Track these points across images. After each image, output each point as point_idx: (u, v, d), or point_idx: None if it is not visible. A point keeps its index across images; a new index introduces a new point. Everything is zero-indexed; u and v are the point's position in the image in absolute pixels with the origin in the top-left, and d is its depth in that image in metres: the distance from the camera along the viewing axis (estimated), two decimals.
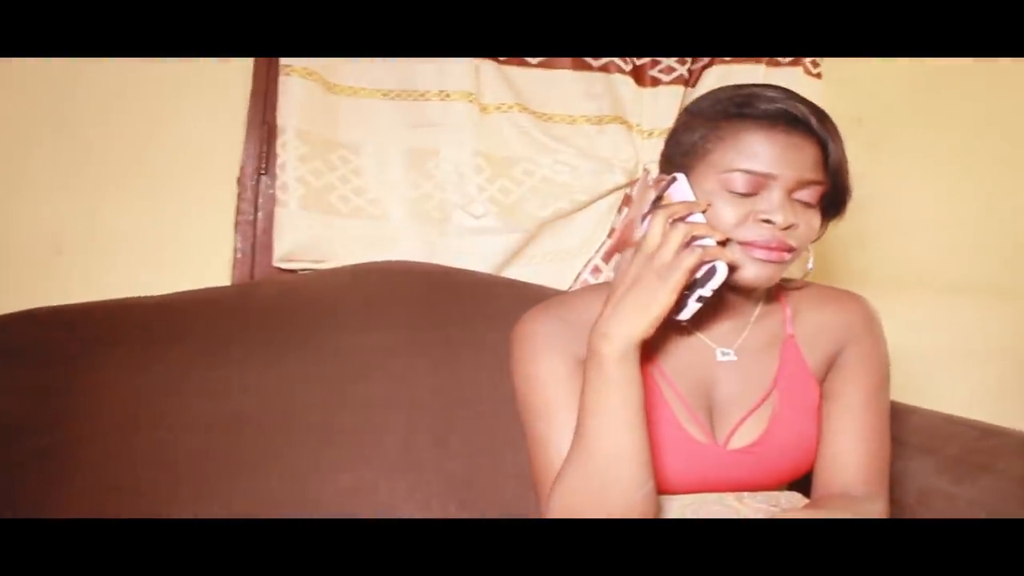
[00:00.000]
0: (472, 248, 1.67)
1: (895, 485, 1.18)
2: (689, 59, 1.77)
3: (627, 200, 1.75)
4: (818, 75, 1.82)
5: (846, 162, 1.09)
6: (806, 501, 1.15)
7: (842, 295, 1.23)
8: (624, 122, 1.76)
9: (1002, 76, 2.00)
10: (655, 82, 1.77)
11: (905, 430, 1.35)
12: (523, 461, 1.38)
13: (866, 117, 1.82)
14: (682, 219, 1.03)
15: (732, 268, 1.03)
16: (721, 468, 1.11)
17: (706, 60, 1.77)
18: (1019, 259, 2.06)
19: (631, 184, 1.75)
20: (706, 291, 1.03)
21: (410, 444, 1.36)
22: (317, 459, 1.32)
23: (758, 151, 1.04)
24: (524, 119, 1.72)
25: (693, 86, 1.77)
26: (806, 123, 1.05)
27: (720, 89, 1.14)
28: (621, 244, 1.73)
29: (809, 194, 1.07)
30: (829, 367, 1.19)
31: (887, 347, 1.21)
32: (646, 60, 1.77)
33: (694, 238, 1.02)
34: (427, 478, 1.35)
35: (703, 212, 1.05)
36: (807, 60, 1.82)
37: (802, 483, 1.18)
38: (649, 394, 1.09)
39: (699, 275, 1.02)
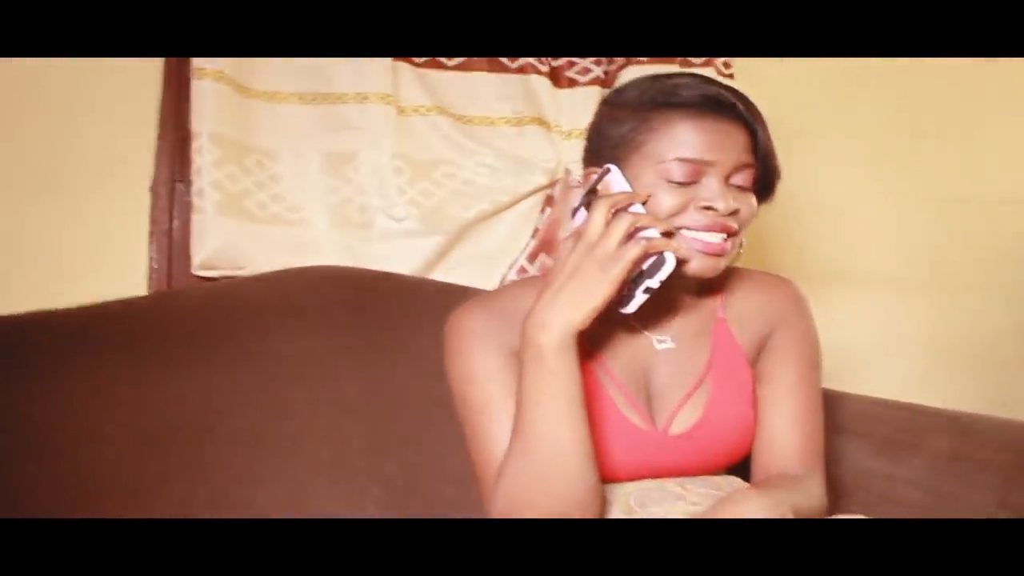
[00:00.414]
0: (394, 252, 1.64)
1: (833, 468, 1.20)
2: (605, 60, 1.78)
3: (549, 201, 1.75)
4: (730, 75, 1.85)
5: (773, 144, 1.11)
6: (745, 484, 1.16)
7: (771, 279, 1.25)
8: (543, 123, 1.75)
9: (917, 75, 2.07)
10: (572, 83, 1.77)
11: (838, 415, 1.37)
12: (461, 464, 1.36)
13: (780, 116, 1.84)
14: (624, 209, 1.03)
15: (679, 260, 1.03)
16: (663, 454, 1.11)
17: (622, 61, 1.78)
18: (935, 254, 2.13)
19: (553, 185, 1.75)
20: (654, 282, 1.02)
21: (343, 450, 1.33)
22: (247, 468, 1.27)
23: (691, 139, 1.05)
24: (443, 122, 1.70)
25: (609, 87, 1.78)
26: (732, 109, 1.07)
27: (639, 80, 1.15)
28: (545, 244, 1.72)
29: (744, 178, 1.08)
30: (760, 350, 1.20)
31: (816, 329, 1.22)
32: (562, 61, 1.77)
33: (637, 229, 1.01)
34: (363, 484, 1.32)
35: (643, 204, 1.05)
36: (719, 61, 1.84)
37: (742, 469, 1.18)
38: (588, 383, 1.08)
39: (645, 267, 1.01)
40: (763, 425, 1.17)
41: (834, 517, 1.00)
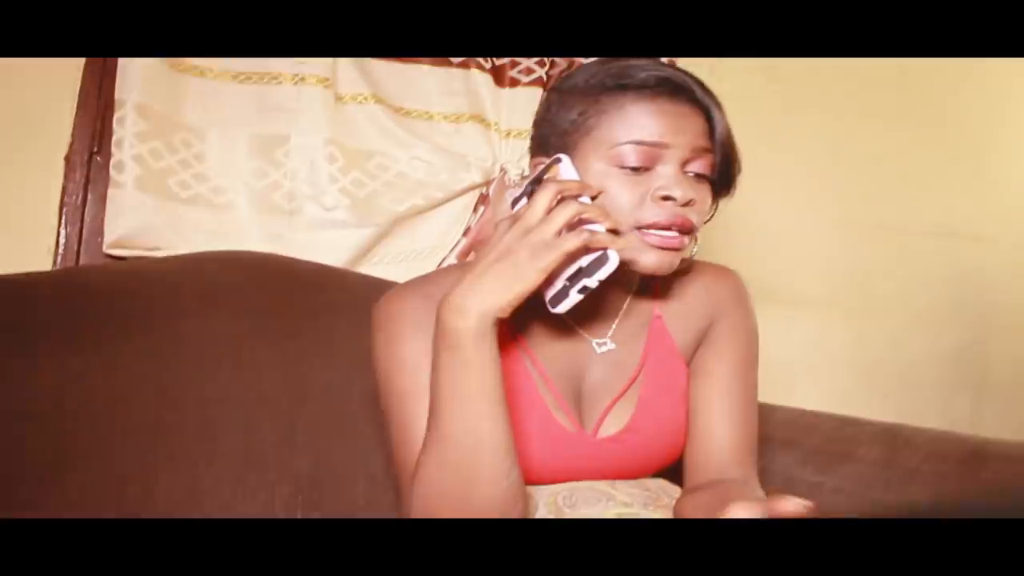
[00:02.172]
0: (321, 242, 1.58)
1: (761, 479, 1.15)
2: (548, 62, 1.75)
3: (483, 199, 1.71)
4: None
5: (731, 132, 1.05)
6: (674, 486, 1.11)
7: (711, 269, 1.20)
8: (483, 120, 1.71)
9: (850, 102, 2.08)
10: (514, 83, 1.74)
11: (768, 425, 1.34)
12: (375, 461, 1.30)
13: None
14: (573, 198, 0.94)
15: (622, 261, 0.94)
16: (591, 458, 1.06)
17: (563, 64, 1.75)
18: (861, 279, 2.14)
19: (488, 184, 1.71)
20: (592, 282, 0.93)
21: (253, 441, 1.25)
22: (145, 458, 1.17)
23: (646, 121, 0.98)
24: (380, 112, 1.65)
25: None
26: (689, 92, 1.01)
27: (588, 64, 1.06)
28: (477, 244, 1.67)
29: (702, 165, 1.01)
30: (698, 345, 1.15)
31: (756, 322, 1.18)
32: (506, 60, 1.74)
33: (582, 221, 0.92)
34: (271, 478, 1.25)
35: (592, 199, 0.97)
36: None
37: (671, 473, 1.14)
38: (520, 382, 1.03)
39: (585, 264, 0.93)
40: (697, 419, 1.11)
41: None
